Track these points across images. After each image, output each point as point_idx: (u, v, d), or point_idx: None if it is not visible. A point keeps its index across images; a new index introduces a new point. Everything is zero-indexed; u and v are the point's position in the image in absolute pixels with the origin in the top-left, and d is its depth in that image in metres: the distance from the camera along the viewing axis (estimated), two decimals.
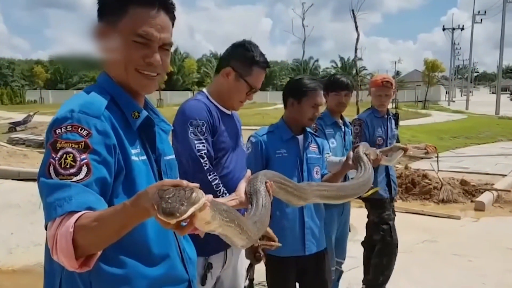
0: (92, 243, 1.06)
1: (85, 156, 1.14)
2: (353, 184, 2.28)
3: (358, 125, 3.70)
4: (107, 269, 1.20)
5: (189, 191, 0.95)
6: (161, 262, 1.29)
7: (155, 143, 1.38)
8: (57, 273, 1.23)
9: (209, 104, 2.10)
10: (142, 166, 1.29)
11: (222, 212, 1.10)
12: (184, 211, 0.91)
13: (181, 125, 2.03)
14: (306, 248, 2.55)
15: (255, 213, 1.45)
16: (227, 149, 2.10)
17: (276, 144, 2.58)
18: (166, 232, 1.32)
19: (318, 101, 2.60)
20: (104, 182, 1.16)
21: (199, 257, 1.97)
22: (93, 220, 1.03)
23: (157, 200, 0.93)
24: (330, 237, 3.18)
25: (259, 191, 1.56)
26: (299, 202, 1.92)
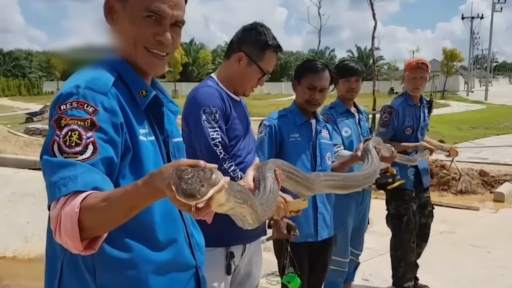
0: (99, 225, 1.02)
1: (91, 134, 1.09)
2: (358, 175, 2.26)
3: (388, 113, 3.59)
4: (111, 252, 1.16)
5: (208, 171, 0.91)
6: (168, 247, 1.25)
7: (163, 123, 1.33)
8: (59, 257, 1.19)
9: (220, 90, 2.04)
10: (150, 147, 1.24)
11: (236, 194, 1.07)
12: (204, 192, 0.88)
13: (193, 113, 1.96)
14: (319, 233, 2.55)
15: (262, 197, 1.43)
16: (239, 136, 2.05)
17: (290, 128, 2.55)
18: (173, 216, 1.29)
19: (315, 83, 2.52)
20: (111, 162, 1.12)
21: (219, 248, 1.97)
22: (101, 200, 0.99)
23: (176, 181, 0.89)
24: (346, 226, 3.13)
25: (267, 177, 1.53)
26: (307, 192, 1.89)
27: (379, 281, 3.99)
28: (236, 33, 2.12)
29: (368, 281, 3.98)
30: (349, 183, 2.14)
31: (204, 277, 1.39)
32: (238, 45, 2.08)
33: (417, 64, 3.55)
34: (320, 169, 2.53)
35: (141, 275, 1.19)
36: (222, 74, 2.13)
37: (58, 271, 1.19)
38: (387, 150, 2.68)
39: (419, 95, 3.67)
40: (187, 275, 1.32)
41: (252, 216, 1.20)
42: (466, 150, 11.05)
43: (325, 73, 2.54)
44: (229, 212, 1.10)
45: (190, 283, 1.33)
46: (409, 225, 3.59)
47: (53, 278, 1.20)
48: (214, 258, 1.94)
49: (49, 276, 1.22)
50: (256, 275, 2.22)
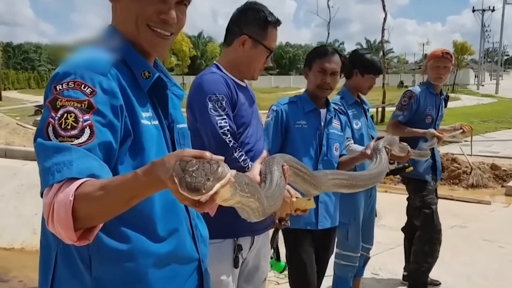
0: (94, 214, 0.95)
1: (88, 117, 1.02)
2: (363, 175, 2.21)
3: (408, 97, 3.55)
4: (108, 243, 1.10)
5: (215, 164, 0.85)
6: (168, 238, 1.18)
7: (167, 108, 1.26)
8: (53, 247, 1.13)
9: (225, 76, 1.97)
10: (153, 131, 1.17)
11: (243, 187, 1.01)
12: (210, 187, 0.82)
13: (199, 101, 1.89)
14: (319, 222, 2.51)
15: (267, 190, 1.38)
16: (247, 123, 1.98)
17: (297, 115, 2.51)
18: (176, 206, 1.22)
19: (325, 66, 2.48)
20: (109, 147, 1.05)
21: (227, 240, 1.91)
22: (98, 189, 0.92)
23: (179, 173, 0.83)
24: (358, 220, 3.08)
25: (274, 172, 1.48)
26: (314, 191, 1.84)
27: (389, 275, 3.94)
28: (231, 16, 2.04)
29: (378, 276, 3.93)
30: (355, 182, 2.10)
31: (207, 271, 1.33)
32: (238, 29, 2.00)
33: (442, 54, 3.52)
34: (326, 159, 2.49)
35: (140, 267, 1.12)
36: (225, 60, 2.05)
37: (52, 262, 1.12)
38: (402, 149, 2.62)
39: (441, 84, 3.63)
40: (189, 268, 1.26)
41: (259, 209, 1.16)
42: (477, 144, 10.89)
43: (335, 56, 2.51)
44: (234, 205, 1.05)
45: (192, 277, 1.27)
46: (437, 215, 3.53)
47: (47, 269, 1.14)
48: (221, 250, 1.89)
49: (43, 267, 1.16)
50: (265, 268, 2.17)
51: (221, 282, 1.88)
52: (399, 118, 3.55)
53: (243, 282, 2.07)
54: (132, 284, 1.12)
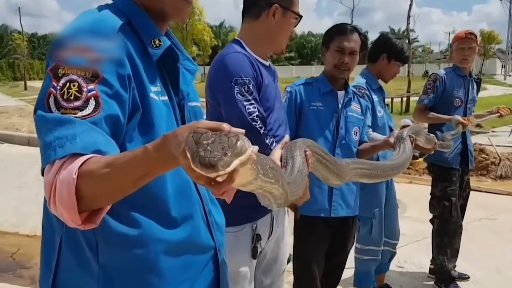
0: (100, 195, 0.87)
1: (93, 87, 0.93)
2: (385, 165, 2.10)
3: (432, 80, 3.42)
4: (116, 228, 1.01)
5: (233, 137, 0.73)
6: (182, 225, 1.09)
7: (178, 83, 1.15)
8: (57, 231, 1.04)
9: (249, 55, 1.84)
10: (162, 108, 1.07)
11: (267, 171, 0.90)
12: (227, 162, 0.70)
13: (223, 84, 1.76)
14: (333, 209, 2.39)
15: (289, 176, 1.27)
16: (271, 107, 1.87)
17: (312, 96, 2.39)
18: (188, 189, 1.12)
19: (344, 45, 2.35)
20: (116, 121, 0.96)
21: (245, 228, 1.81)
22: (104, 166, 0.84)
23: (192, 146, 0.72)
24: (381, 212, 2.97)
25: (296, 157, 1.38)
26: (337, 181, 1.73)
27: (414, 268, 3.81)
28: None
29: (403, 268, 3.81)
30: (376, 172, 1.99)
31: (224, 261, 1.24)
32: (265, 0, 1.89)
33: (466, 34, 3.36)
34: (344, 143, 2.38)
35: (150, 254, 1.03)
36: (251, 36, 1.91)
37: (57, 247, 1.04)
38: (429, 141, 2.49)
39: (468, 66, 3.45)
40: (204, 258, 1.16)
41: (282, 197, 1.07)
42: (505, 135, 10.63)
43: (354, 35, 2.38)
44: (255, 190, 0.95)
45: (208, 267, 1.17)
46: (457, 208, 3.39)
47: (50, 256, 1.05)
48: (239, 240, 1.80)
49: (45, 253, 1.08)
50: (283, 260, 2.07)
51: (238, 274, 1.79)
52: (424, 102, 3.41)
53: (261, 274, 1.98)
54: (141, 272, 1.04)
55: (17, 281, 3.72)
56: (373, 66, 3.04)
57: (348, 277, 3.11)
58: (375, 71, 3.02)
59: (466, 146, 3.44)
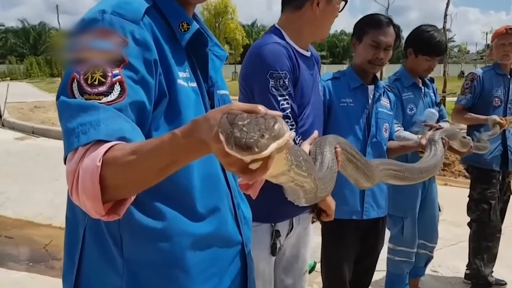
0: (125, 184, 0.83)
1: (118, 72, 0.89)
2: (414, 168, 2.03)
3: (470, 79, 3.31)
4: (141, 220, 0.97)
5: (271, 119, 0.68)
6: (208, 217, 1.05)
7: (207, 69, 1.11)
8: (81, 223, 1.01)
9: (288, 47, 1.78)
10: (191, 94, 1.03)
11: (301, 163, 0.85)
12: (264, 145, 0.65)
13: (259, 76, 1.72)
14: (364, 212, 2.30)
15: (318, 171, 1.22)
16: (305, 103, 1.81)
17: (342, 92, 2.29)
18: (217, 180, 1.08)
19: (380, 39, 2.23)
20: (142, 108, 0.92)
21: (263, 224, 1.77)
22: (130, 153, 0.80)
23: (227, 128, 0.67)
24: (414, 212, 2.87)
25: (326, 153, 1.33)
26: (366, 183, 1.67)
27: (449, 273, 3.69)
28: None
29: (437, 273, 3.69)
30: (404, 174, 1.93)
31: (251, 255, 1.19)
32: None
33: (506, 30, 3.23)
34: (374, 141, 2.29)
35: (175, 248, 0.99)
36: (293, 26, 1.85)
37: (80, 240, 1.01)
38: (464, 144, 2.40)
39: (509, 64, 3.31)
40: (231, 252, 1.11)
41: (312, 192, 1.03)
42: None
43: (390, 28, 2.26)
44: (286, 183, 0.90)
45: (235, 262, 1.13)
46: (496, 212, 3.26)
47: (73, 249, 1.02)
48: (257, 235, 1.75)
49: (69, 245, 1.05)
50: (305, 258, 2.00)
51: (257, 270, 1.76)
52: (462, 102, 3.32)
53: (281, 273, 1.93)
54: (167, 267, 1.00)
55: (49, 272, 3.80)
56: (406, 62, 2.94)
57: (379, 278, 3.04)
58: (408, 67, 2.92)
59: (506, 147, 3.31)
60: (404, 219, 2.85)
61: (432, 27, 2.87)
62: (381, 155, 2.28)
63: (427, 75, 2.97)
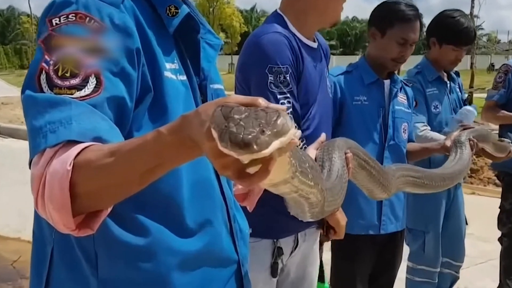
0: (101, 192, 0.81)
1: (94, 62, 0.87)
2: (436, 174, 2.03)
3: (503, 72, 3.31)
4: (120, 235, 0.95)
5: (273, 113, 0.65)
6: (199, 232, 1.03)
7: (199, 60, 1.10)
8: (48, 239, 0.98)
9: (290, 37, 1.77)
10: (180, 89, 1.02)
11: (307, 170, 0.84)
12: (265, 142, 0.61)
13: (256, 70, 1.72)
14: (382, 226, 2.31)
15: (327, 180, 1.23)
16: (311, 102, 1.81)
17: (355, 88, 2.28)
18: (209, 188, 1.07)
19: (409, 36, 2.24)
20: (122, 104, 0.90)
21: (263, 240, 1.76)
22: (106, 155, 0.78)
23: (221, 122, 0.64)
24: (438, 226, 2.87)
25: (334, 159, 1.33)
26: (382, 194, 1.67)
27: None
28: None
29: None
30: (423, 181, 1.93)
31: (248, 276, 1.18)
32: None
33: None
34: (392, 144, 2.29)
35: (160, 268, 0.98)
36: (296, 9, 1.82)
37: (48, 257, 0.99)
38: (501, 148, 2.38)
39: None
40: (225, 273, 1.10)
41: (319, 204, 1.02)
42: None
43: (417, 22, 2.28)
44: (290, 194, 0.89)
45: (229, 284, 1.11)
46: None
47: (41, 266, 1.00)
48: (256, 253, 1.73)
49: (35, 264, 1.03)
50: (313, 279, 2.00)
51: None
52: (494, 98, 3.31)
53: None
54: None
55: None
56: (429, 53, 2.94)
57: None
58: (432, 58, 2.90)
59: None
60: (425, 234, 2.84)
61: (458, 12, 2.86)
62: (400, 159, 2.28)
63: (453, 68, 2.96)
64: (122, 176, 0.80)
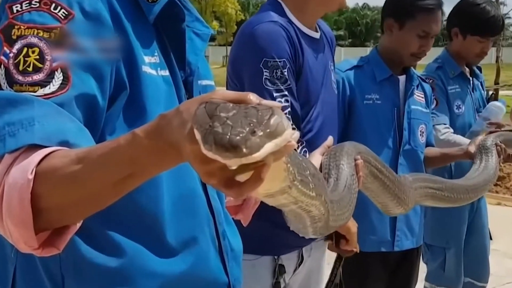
0: (67, 205, 0.80)
1: (61, 54, 0.88)
2: (459, 185, 2.06)
3: None
4: (90, 256, 0.95)
5: (266, 110, 0.63)
6: (182, 251, 1.03)
7: (184, 52, 1.11)
8: (9, 258, 0.99)
9: (288, 26, 1.78)
10: (161, 86, 1.02)
11: (307, 178, 0.84)
12: (257, 145, 0.59)
13: (250, 64, 1.75)
14: (396, 242, 2.33)
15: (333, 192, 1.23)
16: (313, 100, 1.82)
17: (366, 86, 2.32)
18: (194, 200, 1.06)
19: (431, 28, 2.28)
20: (93, 104, 0.91)
21: (263, 257, 1.79)
22: (74, 162, 0.77)
23: (204, 121, 0.62)
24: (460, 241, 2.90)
25: (342, 167, 1.35)
26: (398, 208, 1.69)
27: None
28: None
29: None
30: (444, 194, 1.96)
31: None
32: None
33: None
34: (408, 149, 2.32)
35: None
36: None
37: (10, 279, 0.98)
38: None
39: None
40: None
41: (322, 219, 1.03)
42: None
43: (440, 11, 2.32)
44: (288, 206, 0.90)
45: None
46: None
47: None
48: (256, 272, 1.77)
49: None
50: None
51: None
52: None
53: None
54: None
55: None
56: (450, 45, 2.96)
57: None
58: (454, 51, 2.93)
59: None
60: (446, 250, 2.87)
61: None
62: (417, 166, 2.30)
63: (478, 62, 2.99)
64: (92, 186, 0.79)
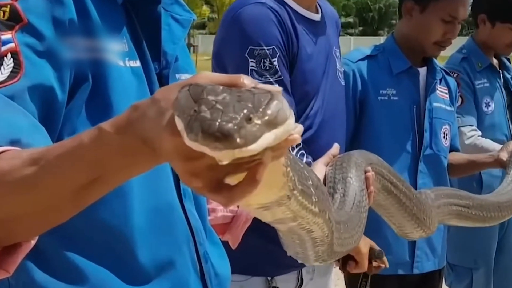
0: (17, 217, 0.79)
1: (11, 37, 0.89)
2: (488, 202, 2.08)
3: None
4: (44, 282, 0.94)
5: (263, 94, 0.59)
6: (157, 277, 1.02)
7: (159, 39, 1.11)
8: None
9: (279, 8, 1.77)
10: (130, 78, 1.02)
11: (309, 188, 0.84)
12: (253, 134, 0.55)
13: (235, 53, 1.77)
14: (416, 263, 2.38)
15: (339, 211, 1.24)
16: (311, 93, 1.82)
17: (381, 79, 2.34)
18: (171, 215, 1.05)
19: (458, 12, 2.30)
20: (50, 96, 0.91)
21: (254, 277, 1.80)
22: (27, 164, 0.76)
23: (188, 105, 0.58)
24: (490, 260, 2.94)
25: (350, 180, 1.35)
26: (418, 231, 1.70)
27: None
28: None
29: None
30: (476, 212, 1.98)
31: None
32: None
33: None
34: (429, 153, 2.34)
35: None
36: None
37: None
38: None
39: None
40: None
41: (325, 241, 1.02)
42: None
43: None
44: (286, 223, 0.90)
45: None
46: None
47: None
48: None
49: None
50: None
51: None
52: None
53: None
54: None
55: None
56: (477, 33, 3.01)
57: None
58: (481, 41, 2.96)
59: None
60: (473, 271, 2.91)
61: None
62: (439, 175, 2.32)
63: (509, 53, 3.02)
64: (48, 194, 0.78)
